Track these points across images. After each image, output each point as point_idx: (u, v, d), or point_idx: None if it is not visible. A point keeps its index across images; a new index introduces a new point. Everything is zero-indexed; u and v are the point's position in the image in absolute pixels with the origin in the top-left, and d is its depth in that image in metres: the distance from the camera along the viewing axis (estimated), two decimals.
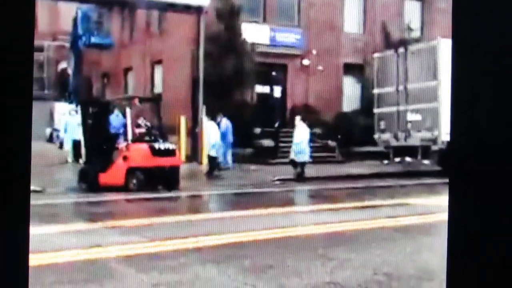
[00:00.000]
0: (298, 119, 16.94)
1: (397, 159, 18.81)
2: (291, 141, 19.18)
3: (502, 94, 1.68)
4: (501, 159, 1.68)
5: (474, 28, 1.71)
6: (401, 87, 18.98)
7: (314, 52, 22.17)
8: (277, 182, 15.81)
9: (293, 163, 16.41)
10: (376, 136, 19.99)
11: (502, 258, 1.69)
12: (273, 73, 22.39)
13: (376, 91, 20.26)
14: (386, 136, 19.45)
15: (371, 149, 20.03)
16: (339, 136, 20.43)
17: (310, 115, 21.90)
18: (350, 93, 23.10)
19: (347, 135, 20.44)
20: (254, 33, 20.90)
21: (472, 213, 1.71)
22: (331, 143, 20.65)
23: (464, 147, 1.72)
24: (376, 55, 20.59)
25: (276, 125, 20.30)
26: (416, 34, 22.59)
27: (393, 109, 19.33)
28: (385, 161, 19.31)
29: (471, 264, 1.72)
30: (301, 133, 16.51)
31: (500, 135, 1.69)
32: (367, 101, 21.62)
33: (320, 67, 22.16)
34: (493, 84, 1.70)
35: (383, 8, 23.02)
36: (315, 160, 17.98)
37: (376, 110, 20.19)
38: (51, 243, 8.19)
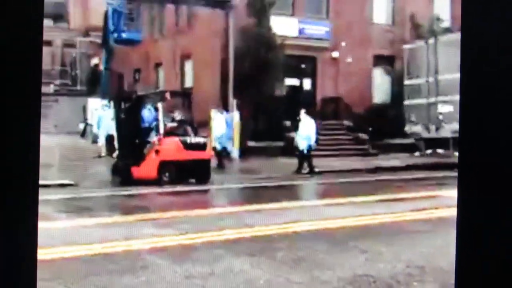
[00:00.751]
0: (302, 112, 16.82)
1: (428, 151, 18.63)
2: (321, 134, 19.13)
3: (510, 88, 1.69)
4: (509, 153, 1.69)
5: (482, 23, 1.71)
6: (431, 79, 18.78)
7: (343, 44, 22.04)
8: (307, 175, 15.82)
9: (301, 156, 16.32)
10: (407, 128, 19.82)
11: (510, 251, 1.70)
12: (303, 66, 22.33)
13: (406, 82, 20.07)
14: (417, 128, 19.27)
15: (402, 141, 19.88)
16: (370, 129, 20.31)
17: (340, 107, 21.83)
18: (380, 85, 22.91)
19: (378, 128, 20.30)
20: (283, 26, 20.87)
21: (480, 207, 1.72)
22: (362, 135, 20.54)
23: (472, 142, 1.73)
24: (406, 46, 20.38)
25: None
26: (446, 24, 22.28)
27: (424, 100, 19.14)
28: (416, 153, 19.15)
29: (479, 257, 1.73)
30: (307, 126, 16.42)
31: (508, 130, 1.69)
32: (398, 93, 21.44)
33: (349, 59, 22.03)
34: (502, 79, 1.70)
35: None
36: (347, 153, 17.93)
37: (406, 102, 20.01)
38: (86, 236, 8.35)
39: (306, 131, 16.42)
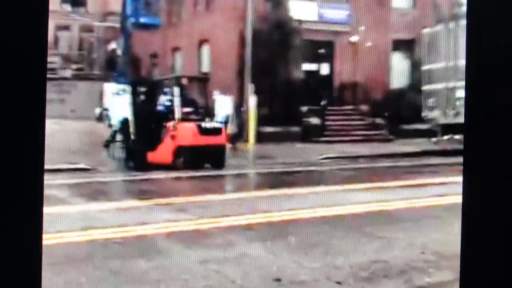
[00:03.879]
0: (216, 93, 16.52)
1: (446, 137, 18.43)
2: (338, 119, 19.04)
3: None
4: None
5: (489, 13, 1.67)
6: (451, 63, 18.52)
7: (362, 28, 21.82)
8: (324, 160, 15.76)
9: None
10: (424, 113, 19.62)
11: None
12: (320, 50, 22.17)
13: (425, 67, 19.83)
14: (435, 113, 19.07)
15: (419, 127, 19.70)
16: (387, 114, 20.15)
17: (357, 92, 21.67)
18: (399, 70, 22.68)
19: (396, 113, 20.13)
20: (301, 10, 20.70)
21: (486, 196, 1.68)
22: (379, 121, 20.40)
23: (478, 129, 1.69)
24: (425, 30, 20.11)
25: (323, 103, 20.14)
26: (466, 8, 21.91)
27: (443, 85, 18.90)
28: (433, 139, 18.97)
29: (485, 248, 1.70)
30: (222, 106, 16.20)
31: None
32: (416, 78, 21.21)
33: (368, 44, 21.82)
34: (507, 64, 1.66)
35: None
36: (364, 138, 17.80)
37: (425, 87, 19.79)
38: (101, 220, 8.41)
39: (221, 112, 16.20)
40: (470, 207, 1.74)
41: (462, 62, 18.03)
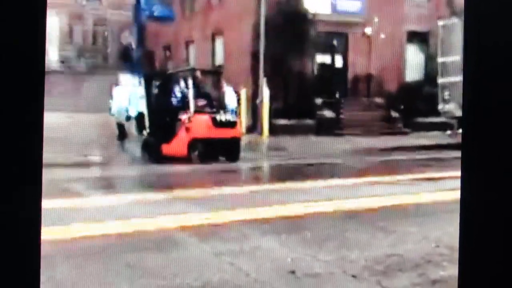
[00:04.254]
0: (225, 85, 16.26)
1: (461, 130, 18.30)
2: (352, 112, 18.95)
3: None
4: None
5: (486, 9, 1.66)
6: None
7: (376, 20, 21.69)
8: (339, 153, 15.73)
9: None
10: (440, 106, 19.49)
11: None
12: (334, 42, 22.08)
13: (440, 60, 19.68)
14: (450, 106, 18.94)
15: (435, 120, 19.58)
16: (402, 107, 20.05)
17: (372, 85, 21.56)
18: (414, 62, 22.54)
19: (410, 106, 20.03)
20: (315, 1, 20.61)
21: (484, 192, 1.69)
22: (394, 114, 20.31)
23: (476, 125, 1.69)
24: (440, 22, 19.94)
25: (337, 95, 20.08)
26: None
27: (458, 78, 18.76)
28: (448, 132, 18.85)
29: (483, 243, 1.70)
30: (230, 98, 16.00)
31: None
32: (431, 70, 21.07)
33: (382, 36, 21.69)
34: (505, 59, 1.65)
35: None
36: (378, 131, 17.70)
37: (440, 80, 19.64)
38: (116, 213, 8.46)
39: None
40: (468, 203, 1.75)
41: None
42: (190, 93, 14.39)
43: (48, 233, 7.09)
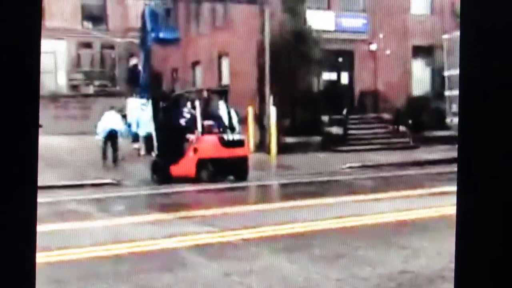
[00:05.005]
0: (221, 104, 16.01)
1: None
2: (360, 128, 18.86)
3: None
4: (510, 149, 1.62)
5: (482, 22, 1.65)
6: None
7: (381, 36, 21.73)
8: (348, 170, 15.65)
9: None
10: (448, 120, 19.41)
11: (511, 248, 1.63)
12: (340, 59, 22.11)
13: (447, 73, 19.66)
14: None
15: (443, 134, 19.48)
16: (410, 121, 19.97)
17: (379, 100, 21.53)
18: (420, 76, 22.51)
19: (418, 120, 19.95)
20: (319, 20, 20.69)
21: (481, 206, 1.66)
22: (402, 128, 20.23)
23: (473, 139, 1.67)
24: (445, 36, 19.95)
25: (344, 111, 20.05)
26: None
27: None
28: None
29: (479, 256, 1.67)
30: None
31: (510, 125, 1.63)
32: (438, 84, 21.03)
33: (387, 51, 21.71)
34: (502, 72, 1.63)
35: None
36: (387, 147, 17.62)
37: (447, 93, 19.60)
38: (127, 234, 8.44)
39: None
40: (465, 217, 1.72)
41: None
42: (198, 114, 14.41)
43: (56, 255, 7.07)
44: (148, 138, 16.15)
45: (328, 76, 21.75)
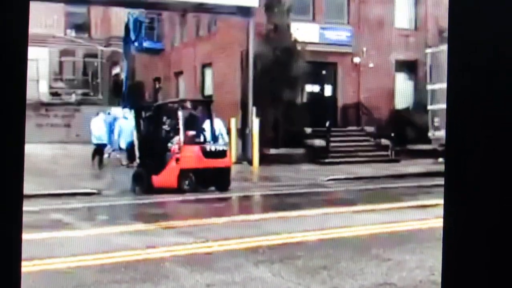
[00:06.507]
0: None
1: None
2: (342, 141, 18.91)
3: (498, 97, 1.65)
4: (496, 162, 1.65)
5: (470, 30, 1.67)
6: None
7: (364, 49, 21.91)
8: (329, 182, 15.69)
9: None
10: (430, 133, 19.58)
11: (497, 261, 1.65)
12: (324, 72, 22.23)
13: (429, 87, 19.85)
14: (441, 133, 19.03)
15: (425, 147, 19.65)
16: (392, 135, 20.10)
17: (361, 113, 21.65)
18: (403, 90, 22.70)
19: (401, 133, 20.09)
20: (303, 32, 20.80)
21: (467, 217, 1.67)
22: (384, 141, 20.35)
23: (459, 151, 1.69)
24: (428, 50, 20.17)
25: (327, 124, 20.14)
26: None
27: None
28: (440, 159, 18.90)
29: (466, 268, 1.68)
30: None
31: (496, 138, 1.65)
32: (421, 98, 21.22)
33: (371, 65, 21.88)
34: (489, 86, 1.66)
35: (435, 2, 22.55)
36: (369, 160, 17.70)
37: (430, 107, 19.78)
38: (108, 244, 8.36)
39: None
40: (452, 230, 1.73)
41: None
42: (180, 124, 14.36)
43: (38, 264, 6.98)
44: (130, 148, 16.07)
45: (312, 88, 21.84)
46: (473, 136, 1.67)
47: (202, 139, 14.63)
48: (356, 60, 22.06)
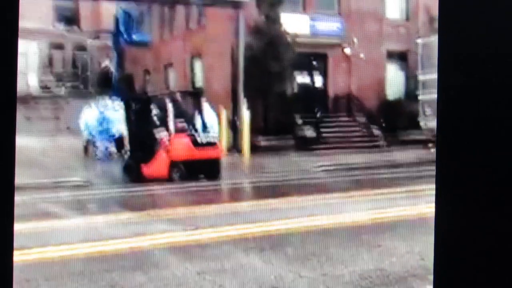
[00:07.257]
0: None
1: None
2: (333, 130, 18.93)
3: (488, 88, 1.63)
4: (486, 159, 1.63)
5: (460, 28, 1.65)
6: None
7: (355, 40, 21.88)
8: (320, 170, 15.70)
9: None
10: (421, 122, 19.60)
11: (486, 255, 1.64)
12: (314, 63, 22.19)
13: (421, 77, 19.86)
14: (432, 123, 19.06)
15: (416, 137, 19.69)
16: (383, 124, 20.14)
17: (353, 103, 21.66)
18: (394, 80, 22.72)
19: (392, 123, 20.13)
20: (294, 23, 20.74)
21: (458, 213, 1.66)
22: (376, 131, 20.39)
23: (450, 147, 1.67)
24: (420, 40, 20.17)
25: (318, 114, 20.14)
26: None
27: None
28: (433, 149, 18.94)
29: (456, 262, 1.67)
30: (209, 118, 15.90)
31: (486, 136, 1.64)
32: (412, 87, 21.26)
33: (362, 55, 21.86)
34: (479, 84, 1.64)
35: None
36: (360, 149, 17.68)
37: (421, 97, 19.80)
38: (99, 233, 8.32)
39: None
40: (443, 221, 1.72)
41: None
42: (170, 115, 14.34)
43: (29, 254, 6.94)
44: (120, 139, 16.04)
45: (303, 79, 21.82)
46: (463, 124, 1.65)
47: (192, 130, 14.61)
48: (347, 51, 22.04)
